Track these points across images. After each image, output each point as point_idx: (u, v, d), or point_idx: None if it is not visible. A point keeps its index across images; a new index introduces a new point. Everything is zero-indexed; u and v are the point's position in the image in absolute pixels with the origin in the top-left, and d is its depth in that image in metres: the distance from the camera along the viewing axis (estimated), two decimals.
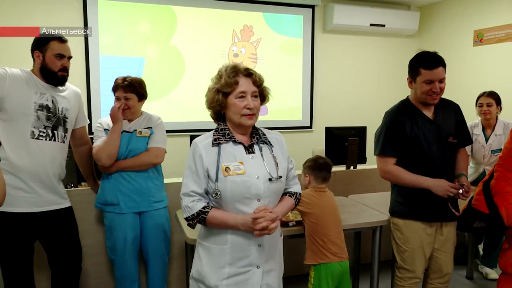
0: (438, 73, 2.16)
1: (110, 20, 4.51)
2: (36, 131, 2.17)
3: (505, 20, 4.70)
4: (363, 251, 3.08)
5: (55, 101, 2.26)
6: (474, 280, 3.38)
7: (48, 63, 2.21)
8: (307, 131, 5.46)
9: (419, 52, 2.27)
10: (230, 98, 1.62)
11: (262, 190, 1.60)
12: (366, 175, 3.58)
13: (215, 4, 4.89)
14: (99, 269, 2.87)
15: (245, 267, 1.62)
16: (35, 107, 2.17)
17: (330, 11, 5.26)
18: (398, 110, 2.32)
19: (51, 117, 2.23)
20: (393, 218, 2.38)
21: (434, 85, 2.17)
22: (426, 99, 2.22)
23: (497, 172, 2.19)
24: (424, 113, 2.27)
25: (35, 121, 2.17)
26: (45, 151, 2.21)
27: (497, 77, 4.64)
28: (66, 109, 2.31)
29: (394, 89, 5.86)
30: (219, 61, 4.88)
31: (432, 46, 5.70)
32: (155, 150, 2.59)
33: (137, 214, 2.60)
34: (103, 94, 4.54)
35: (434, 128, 2.25)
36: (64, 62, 2.25)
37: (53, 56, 2.21)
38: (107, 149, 2.47)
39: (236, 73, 1.63)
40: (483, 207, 2.18)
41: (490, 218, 2.16)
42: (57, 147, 2.28)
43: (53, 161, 2.26)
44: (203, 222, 1.60)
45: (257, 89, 1.66)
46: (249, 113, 1.61)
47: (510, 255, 2.21)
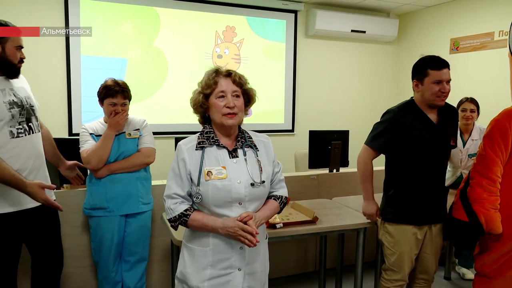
0: (446, 74, 2.22)
1: (92, 20, 4.43)
2: (14, 129, 2.09)
3: (480, 30, 4.89)
4: (346, 252, 3.14)
5: (15, 93, 2.16)
6: (452, 280, 3.47)
7: (9, 55, 2.10)
8: (289, 135, 5.52)
9: (422, 56, 2.31)
10: (211, 98, 1.64)
11: (244, 195, 1.61)
12: (348, 178, 3.64)
13: (198, 7, 4.89)
14: (82, 272, 2.83)
15: (226, 269, 1.63)
16: (7, 106, 2.07)
17: (312, 17, 5.34)
18: (402, 109, 2.31)
19: (22, 111, 2.15)
20: (384, 223, 2.39)
21: (442, 85, 2.21)
22: (435, 100, 2.23)
23: (472, 179, 2.20)
24: (428, 116, 2.29)
25: (10, 121, 2.07)
26: (30, 146, 2.16)
27: (472, 84, 4.80)
28: (28, 97, 2.22)
29: (373, 94, 6.01)
30: (202, 63, 4.95)
31: (410, 53, 5.89)
32: (146, 150, 2.60)
33: (123, 216, 2.58)
34: (84, 95, 4.47)
35: (436, 132, 2.28)
36: (21, 54, 2.16)
37: (14, 48, 2.11)
38: (99, 154, 2.45)
39: (216, 74, 1.65)
40: (462, 215, 2.21)
41: (470, 226, 2.19)
42: (37, 138, 2.23)
43: (39, 152, 2.22)
44: (185, 224, 1.62)
45: (238, 89, 1.66)
46: (229, 112, 1.61)
47: (487, 259, 2.25)
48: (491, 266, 2.22)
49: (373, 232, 2.67)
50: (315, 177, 3.50)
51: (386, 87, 6.07)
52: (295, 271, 3.48)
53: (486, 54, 4.83)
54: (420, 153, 2.26)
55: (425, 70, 2.24)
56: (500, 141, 2.12)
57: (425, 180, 2.29)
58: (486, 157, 2.15)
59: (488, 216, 2.13)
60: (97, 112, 2.54)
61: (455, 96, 3.58)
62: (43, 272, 2.30)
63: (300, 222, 2.36)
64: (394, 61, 6.08)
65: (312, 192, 3.44)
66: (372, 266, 2.79)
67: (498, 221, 2.13)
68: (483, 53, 4.86)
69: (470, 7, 5.01)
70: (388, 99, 5.99)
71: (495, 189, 2.14)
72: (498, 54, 4.68)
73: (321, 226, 2.37)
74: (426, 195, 2.29)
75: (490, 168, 2.13)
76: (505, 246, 2.17)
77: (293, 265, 3.47)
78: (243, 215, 1.58)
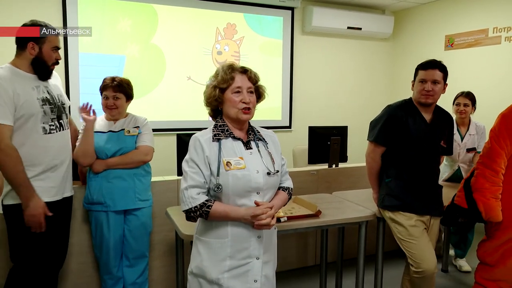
0: (432, 74, 2.35)
1: (90, 17, 4.43)
2: (47, 126, 2.18)
3: (474, 26, 4.96)
4: (345, 246, 3.18)
5: (49, 91, 2.24)
6: (449, 272, 3.54)
7: (45, 55, 2.17)
8: (287, 131, 5.55)
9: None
10: (226, 93, 1.69)
11: (262, 184, 1.66)
12: (347, 173, 3.69)
13: (196, 3, 4.90)
14: (85, 268, 2.84)
15: (245, 258, 1.66)
16: (40, 103, 2.15)
17: (309, 14, 5.37)
18: (400, 106, 2.45)
19: (53, 108, 2.23)
20: (386, 212, 2.48)
21: (427, 84, 2.35)
22: (420, 98, 2.39)
23: (477, 170, 2.32)
24: (422, 114, 2.42)
25: (43, 117, 2.16)
26: (61, 143, 2.26)
27: (467, 80, 4.86)
28: (60, 95, 2.32)
29: (369, 90, 6.06)
30: (201, 59, 4.95)
31: (405, 49, 5.95)
32: (144, 148, 2.61)
33: (122, 213, 2.61)
34: (82, 92, 4.46)
35: (428, 130, 2.40)
36: (57, 55, 2.23)
37: (50, 49, 2.19)
38: (82, 149, 2.50)
39: (232, 69, 1.70)
40: (463, 203, 2.35)
41: (469, 213, 2.32)
42: (67, 135, 2.34)
43: (67, 148, 2.33)
44: (206, 215, 1.62)
45: (252, 86, 1.73)
46: (245, 107, 1.67)
47: (488, 246, 2.36)
48: (492, 253, 2.33)
49: (373, 226, 2.71)
50: (315, 172, 3.54)
51: (381, 83, 6.12)
52: (296, 265, 3.53)
53: (480, 51, 4.90)
54: (409, 145, 2.38)
55: (417, 70, 2.42)
56: (505, 135, 2.23)
57: (418, 175, 2.41)
58: (491, 149, 2.26)
59: (487, 205, 2.24)
60: (95, 109, 2.57)
61: (451, 92, 3.63)
62: (45, 266, 2.29)
63: (303, 216, 2.40)
64: (390, 57, 6.14)
65: (312, 187, 3.48)
66: (372, 260, 2.83)
67: (498, 210, 2.23)
68: (477, 50, 4.93)
69: (465, 4, 5.08)
70: (383, 95, 6.06)
71: (498, 180, 2.23)
72: (492, 50, 4.75)
73: (324, 220, 2.41)
74: (420, 188, 2.41)
75: (495, 160, 2.23)
76: (506, 235, 2.27)
77: (294, 259, 3.51)
78: (260, 202, 1.64)
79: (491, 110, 3.00)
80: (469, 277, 3.41)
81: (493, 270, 2.34)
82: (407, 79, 2.50)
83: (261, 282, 1.69)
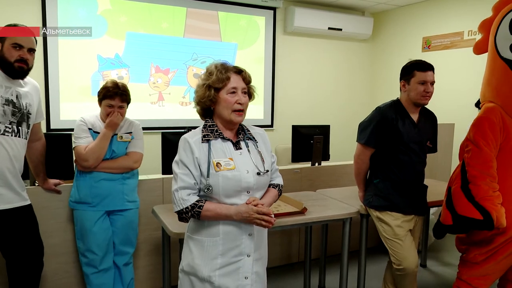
0: (430, 76, 2.41)
1: (69, 17, 4.34)
2: (2, 126, 2.08)
3: (450, 29, 5.11)
4: (329, 243, 3.24)
5: (19, 96, 2.17)
6: (427, 267, 3.66)
7: (5, 52, 2.09)
8: (268, 130, 5.58)
9: (411, 60, 2.50)
10: (221, 93, 1.67)
11: (252, 183, 1.68)
12: (330, 171, 3.76)
13: (173, 2, 4.85)
14: (67, 268, 2.80)
15: (236, 256, 1.68)
16: (1, 101, 2.08)
17: (291, 14, 5.42)
18: (390, 108, 2.48)
19: (16, 113, 2.15)
20: (373, 211, 2.54)
21: (427, 85, 2.40)
22: (420, 99, 2.42)
23: (474, 178, 2.22)
24: (410, 116, 2.47)
25: (1, 116, 2.07)
26: (12, 147, 2.13)
27: (443, 81, 5.00)
28: (29, 104, 2.23)
29: (349, 89, 6.16)
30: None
31: (384, 50, 6.08)
32: (134, 156, 2.62)
33: (107, 213, 2.60)
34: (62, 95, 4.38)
35: (416, 131, 2.47)
36: (22, 53, 2.11)
37: (10, 46, 2.09)
38: (97, 153, 2.47)
39: (227, 69, 1.69)
40: (475, 214, 2.19)
41: (484, 224, 2.18)
42: (21, 143, 2.20)
43: (18, 157, 2.18)
44: (197, 215, 1.63)
45: (246, 86, 1.73)
46: (239, 108, 1.68)
47: (484, 250, 2.31)
48: (485, 254, 2.31)
49: (357, 222, 2.78)
50: (298, 171, 3.59)
51: (361, 83, 6.23)
52: (279, 262, 3.57)
53: (456, 53, 5.05)
54: (399, 145, 2.43)
55: (412, 71, 2.43)
56: (492, 137, 2.22)
57: (405, 175, 2.46)
58: (483, 155, 2.22)
59: (499, 213, 2.17)
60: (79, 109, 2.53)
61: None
62: (21, 274, 2.25)
63: (290, 213, 2.44)
64: (369, 58, 6.26)
65: (296, 185, 3.53)
66: (355, 256, 2.90)
67: (504, 215, 2.18)
68: (453, 52, 5.08)
69: (441, 7, 5.23)
70: (363, 95, 6.17)
71: (496, 185, 2.21)
72: (468, 52, 4.90)
73: (310, 217, 2.45)
74: (407, 189, 2.47)
75: (490, 165, 2.21)
76: (504, 237, 2.25)
77: (278, 256, 3.55)
78: (250, 199, 1.65)
79: (467, 111, 3.10)
80: (447, 271, 3.54)
81: (483, 267, 2.32)
82: (386, 79, 2.56)
83: (252, 279, 1.71)
